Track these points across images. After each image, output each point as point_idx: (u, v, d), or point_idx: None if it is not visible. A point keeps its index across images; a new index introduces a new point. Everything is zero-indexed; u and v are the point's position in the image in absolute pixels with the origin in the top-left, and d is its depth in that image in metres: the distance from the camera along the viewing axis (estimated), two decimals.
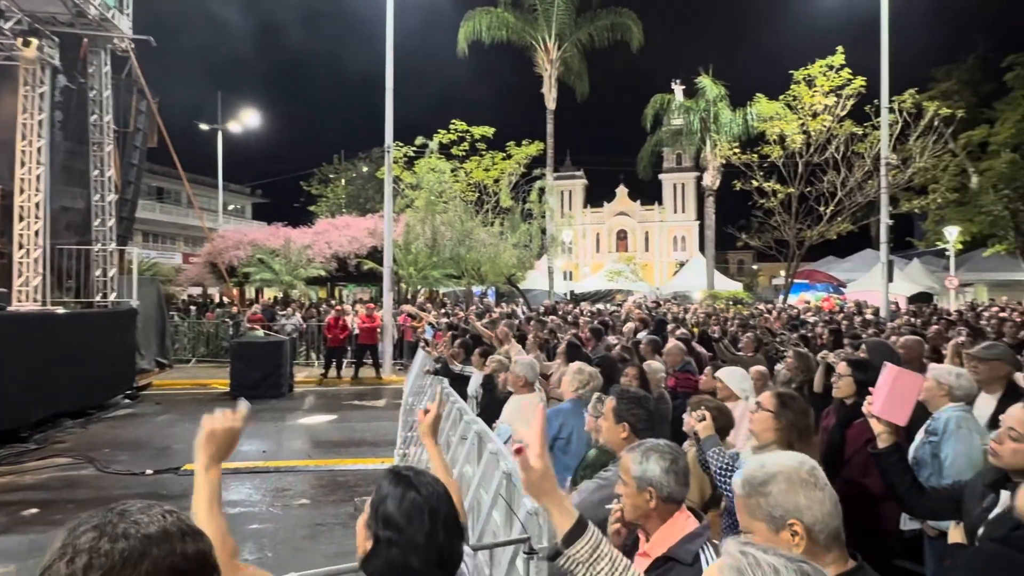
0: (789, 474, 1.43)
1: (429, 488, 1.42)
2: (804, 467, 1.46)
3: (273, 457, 7.98)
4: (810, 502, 1.40)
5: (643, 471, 1.95)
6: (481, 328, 8.43)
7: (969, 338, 6.92)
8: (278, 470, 7.42)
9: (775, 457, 1.52)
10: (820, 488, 1.43)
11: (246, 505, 6.27)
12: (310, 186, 44.14)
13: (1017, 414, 2.05)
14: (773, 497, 1.42)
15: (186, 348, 16.66)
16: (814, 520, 1.39)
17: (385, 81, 15.39)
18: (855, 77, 18.39)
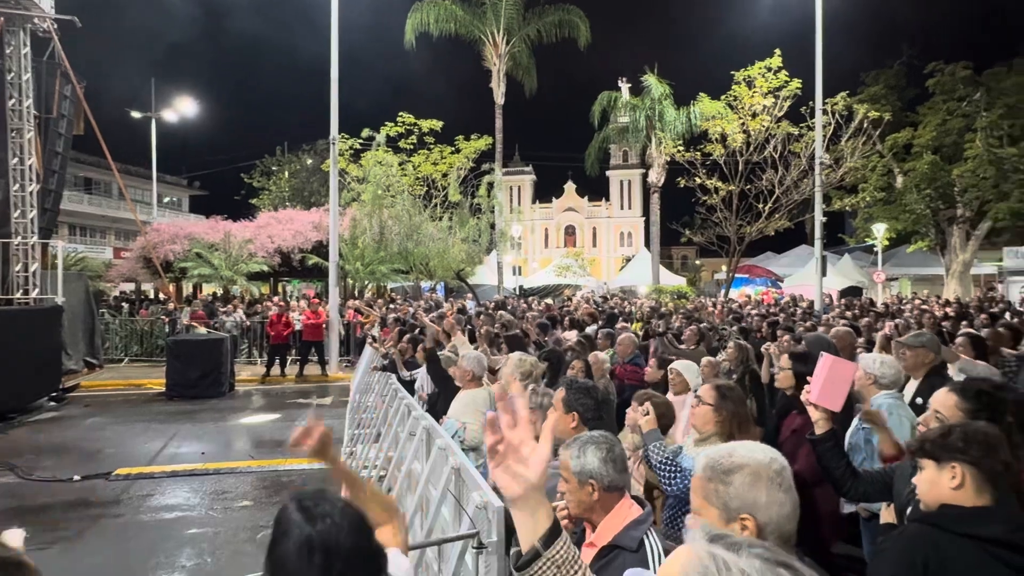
0: (756, 468, 1.40)
1: (328, 521, 1.20)
2: (773, 465, 1.42)
3: (213, 459, 7.69)
4: (770, 501, 1.37)
5: (582, 465, 1.96)
6: (429, 323, 8.35)
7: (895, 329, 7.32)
8: (218, 472, 7.16)
9: (746, 448, 1.48)
10: (784, 490, 1.39)
11: (184, 509, 6.02)
12: (251, 178, 42.70)
13: (942, 397, 2.17)
14: (734, 488, 1.39)
15: (118, 347, 15.87)
16: (768, 520, 1.35)
17: (330, 71, 15.01)
18: (791, 79, 19.11)
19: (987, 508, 1.64)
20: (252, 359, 15.75)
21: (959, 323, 9.35)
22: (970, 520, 1.62)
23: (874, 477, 2.52)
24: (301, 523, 1.19)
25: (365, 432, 6.92)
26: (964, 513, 1.65)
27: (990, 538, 1.57)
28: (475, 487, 2.50)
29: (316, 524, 1.19)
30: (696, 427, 2.79)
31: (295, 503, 1.24)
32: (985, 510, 1.63)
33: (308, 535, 1.18)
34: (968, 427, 1.72)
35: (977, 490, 1.66)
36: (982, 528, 1.59)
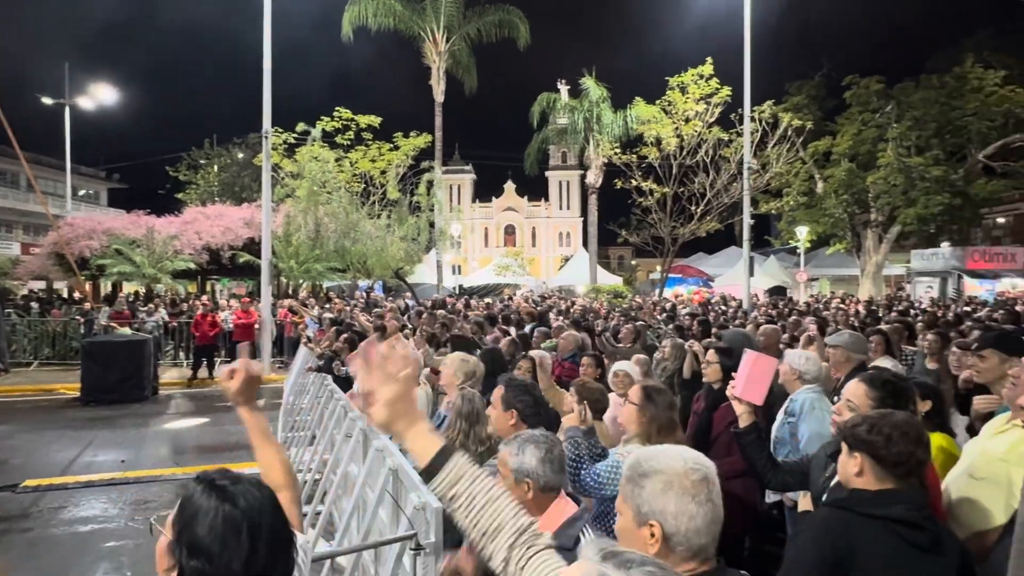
0: (670, 476, 1.36)
1: (248, 498, 1.15)
2: (692, 475, 1.36)
3: (133, 467, 7.28)
4: (679, 511, 1.32)
5: (519, 463, 1.98)
6: (366, 323, 8.21)
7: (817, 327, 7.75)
8: (139, 481, 6.79)
9: (668, 454, 1.44)
10: (697, 502, 1.33)
11: (101, 521, 5.68)
12: (177, 172, 40.64)
13: (853, 387, 2.33)
14: (646, 492, 1.36)
15: (27, 350, 14.78)
16: (675, 531, 1.32)
17: (263, 62, 14.49)
18: (722, 87, 19.88)
19: (891, 491, 1.76)
20: (178, 361, 15.02)
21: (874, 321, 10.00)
22: (875, 502, 1.74)
23: (793, 467, 2.67)
24: (216, 502, 1.12)
25: (299, 435, 6.74)
26: (870, 496, 1.77)
27: (893, 518, 1.70)
28: (413, 488, 2.48)
29: (236, 501, 1.13)
30: (623, 425, 2.85)
31: (203, 484, 1.16)
32: (889, 493, 1.76)
33: (230, 513, 1.11)
34: (879, 420, 1.83)
35: (878, 477, 1.78)
36: (886, 509, 1.71)
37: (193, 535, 1.10)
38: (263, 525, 1.13)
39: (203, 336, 13.12)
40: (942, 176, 23.80)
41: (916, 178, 23.87)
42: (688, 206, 20.91)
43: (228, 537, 1.10)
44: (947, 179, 24.06)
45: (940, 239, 27.28)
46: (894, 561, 1.66)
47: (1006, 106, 23.30)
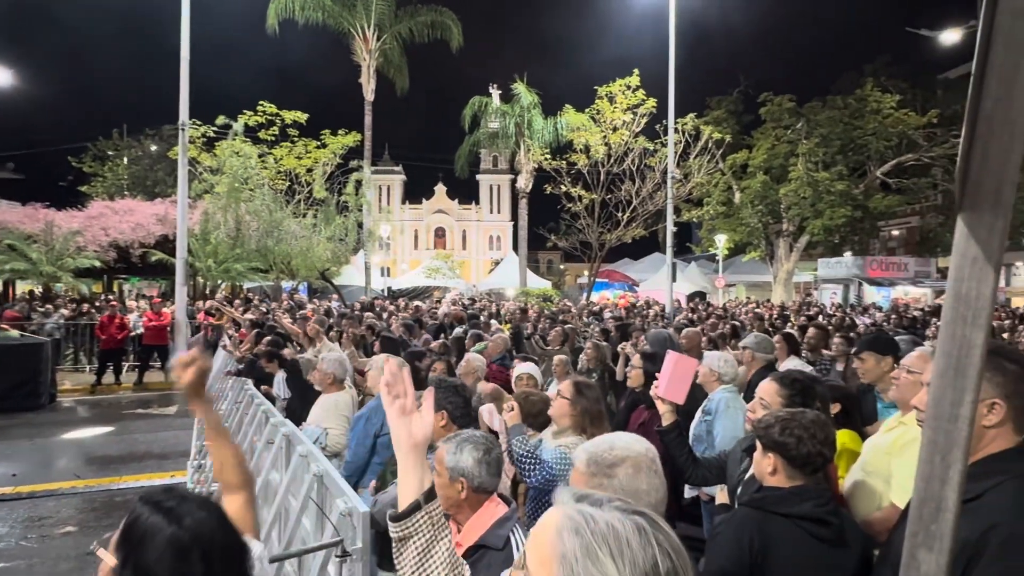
0: (637, 459, 1.48)
1: (196, 518, 1.12)
2: (649, 454, 1.50)
3: (27, 481, 6.72)
4: (649, 488, 1.45)
5: (456, 462, 1.99)
6: (289, 326, 7.94)
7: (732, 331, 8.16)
8: (33, 496, 6.27)
9: (623, 440, 1.54)
10: (659, 476, 1.49)
11: None
12: (81, 163, 37.82)
13: (765, 386, 2.48)
14: (619, 480, 1.45)
15: None
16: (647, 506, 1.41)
17: (180, 49, 13.73)
18: (648, 98, 20.55)
19: (800, 488, 1.89)
20: (80, 366, 13.96)
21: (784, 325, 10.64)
22: (785, 501, 1.86)
23: (711, 463, 2.81)
24: (164, 524, 1.09)
25: None
26: (781, 495, 1.89)
27: (801, 515, 1.82)
28: (339, 494, 2.42)
29: (183, 521, 1.10)
30: (555, 419, 2.92)
31: (149, 505, 1.12)
32: (798, 490, 1.88)
33: (177, 535, 1.08)
34: (790, 421, 1.95)
35: (789, 475, 1.90)
36: (795, 507, 1.84)
37: (141, 560, 1.07)
38: (215, 545, 1.11)
39: (110, 339, 12.28)
40: (845, 190, 25.60)
41: (823, 191, 25.55)
42: (615, 213, 21.45)
43: (178, 561, 1.07)
44: (849, 193, 25.90)
45: (843, 249, 29.32)
46: (803, 555, 1.78)
47: (901, 128, 25.37)
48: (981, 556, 1.34)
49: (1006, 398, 1.49)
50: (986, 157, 0.81)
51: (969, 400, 0.82)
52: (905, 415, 2.40)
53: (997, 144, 0.80)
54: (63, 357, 13.83)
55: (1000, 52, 0.78)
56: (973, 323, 0.82)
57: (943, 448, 0.84)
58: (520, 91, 25.64)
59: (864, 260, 27.63)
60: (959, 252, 0.84)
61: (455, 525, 2.03)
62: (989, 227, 0.82)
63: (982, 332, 0.82)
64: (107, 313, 12.59)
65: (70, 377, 13.03)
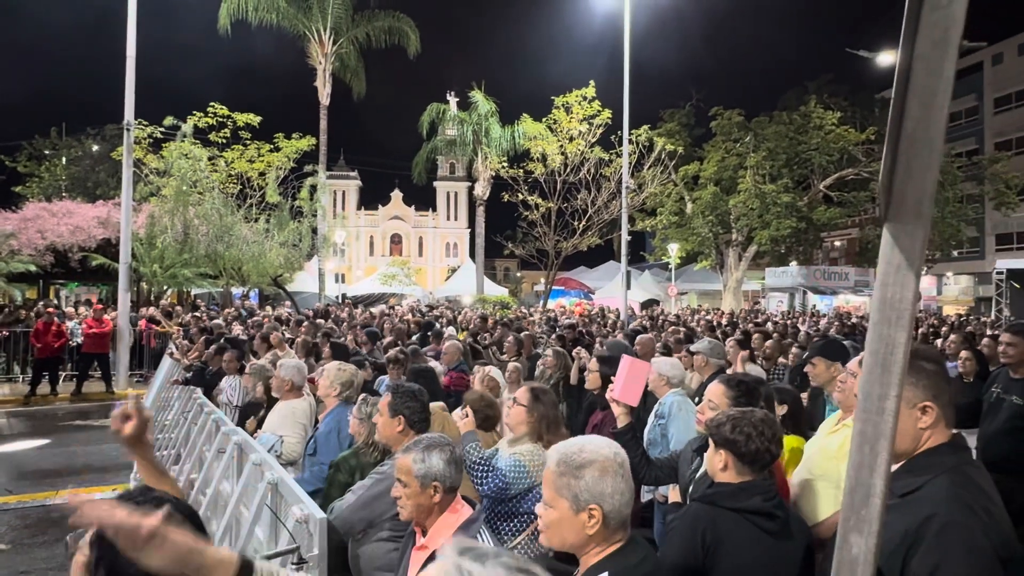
0: (604, 463, 1.53)
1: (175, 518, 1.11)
2: (617, 458, 1.57)
3: None
4: (614, 491, 1.51)
5: (427, 468, 1.99)
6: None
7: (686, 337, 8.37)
8: None
9: (593, 443, 1.61)
10: (625, 480, 1.55)
11: None
12: (16, 162, 35.95)
13: (713, 387, 2.58)
14: (585, 481, 1.51)
15: None
16: (612, 508, 1.51)
17: (126, 46, 13.27)
18: (603, 109, 20.95)
19: (749, 484, 1.98)
20: (12, 376, 13.23)
21: (734, 331, 10.96)
22: (735, 496, 1.95)
23: (663, 463, 2.90)
24: None
25: (163, 454, 6.20)
26: (731, 490, 1.98)
27: (751, 509, 1.91)
28: (295, 501, 2.39)
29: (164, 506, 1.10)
30: (511, 426, 2.94)
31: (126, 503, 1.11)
32: (747, 485, 1.97)
33: None
34: (740, 419, 2.04)
35: (739, 471, 2.00)
36: (745, 502, 1.93)
37: (116, 557, 1.05)
38: None
39: (46, 348, 11.67)
40: (791, 202, 26.64)
41: (770, 203, 26.52)
42: (571, 221, 21.74)
43: None
44: (794, 205, 26.96)
45: (789, 258, 30.46)
46: (752, 547, 1.87)
47: (842, 143, 26.58)
48: (920, 544, 1.44)
49: (935, 399, 1.60)
50: (908, 172, 0.90)
51: (894, 395, 0.90)
52: (847, 417, 2.52)
53: (918, 161, 0.89)
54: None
55: (921, 77, 0.87)
56: (897, 324, 0.90)
57: (871, 438, 0.92)
58: (478, 99, 25.73)
59: (808, 270, 28.75)
60: (885, 259, 0.92)
61: (419, 530, 2.03)
62: (911, 236, 0.90)
63: (905, 332, 0.90)
64: (43, 320, 11.98)
65: (1, 387, 12.34)
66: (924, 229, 0.90)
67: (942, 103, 0.86)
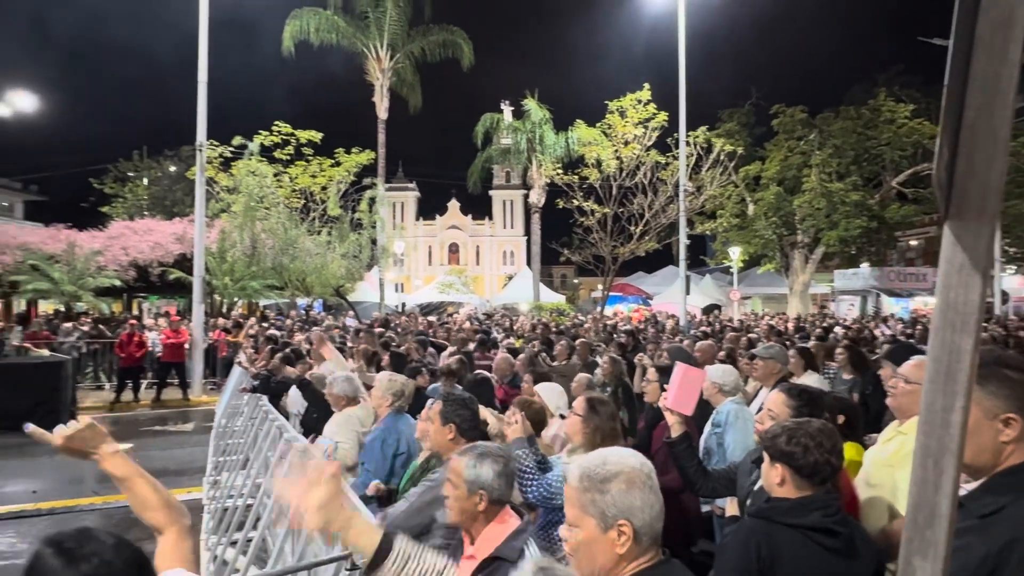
0: (630, 475, 1.43)
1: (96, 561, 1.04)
2: (644, 468, 1.47)
3: (47, 497, 6.82)
4: (643, 505, 1.41)
5: (476, 475, 2.00)
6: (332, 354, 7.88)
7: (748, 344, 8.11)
8: (52, 512, 6.35)
9: (616, 455, 1.51)
10: (654, 492, 1.45)
11: (8, 557, 5.28)
12: (103, 184, 38.63)
13: (773, 397, 2.47)
14: (611, 496, 1.41)
15: None
16: (643, 523, 1.41)
17: (198, 72, 14.06)
18: (659, 112, 20.62)
19: (808, 498, 1.87)
20: (100, 384, 14.17)
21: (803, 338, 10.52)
22: (793, 511, 1.85)
23: (720, 475, 2.79)
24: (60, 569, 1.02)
25: (232, 459, 6.47)
26: (789, 505, 1.88)
27: (809, 526, 1.81)
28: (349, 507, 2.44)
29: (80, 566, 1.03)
30: (568, 436, 2.93)
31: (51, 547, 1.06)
32: (806, 500, 1.87)
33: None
34: (796, 431, 1.94)
35: (797, 485, 1.89)
36: (803, 518, 1.82)
37: None
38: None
39: (129, 357, 12.45)
40: (860, 201, 25.40)
41: (837, 202, 25.37)
42: (628, 226, 21.43)
43: None
44: (864, 204, 25.69)
45: (860, 260, 29.02)
46: (812, 566, 1.76)
47: (915, 137, 25.17)
48: (1002, 571, 1.32)
49: (1020, 410, 1.47)
50: (971, 166, 0.83)
51: (960, 406, 0.83)
52: (903, 424, 2.38)
53: (981, 153, 0.82)
54: (83, 375, 14.05)
55: (982, 62, 0.80)
56: (962, 329, 0.83)
57: (935, 453, 0.85)
58: (531, 107, 25.84)
59: (881, 271, 27.30)
60: (946, 260, 0.85)
61: (467, 537, 2.04)
62: (976, 234, 0.83)
63: (971, 338, 0.82)
64: (126, 331, 12.78)
65: (90, 395, 13.22)
66: (989, 226, 0.83)
67: (1007, 90, 0.79)
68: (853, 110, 26.94)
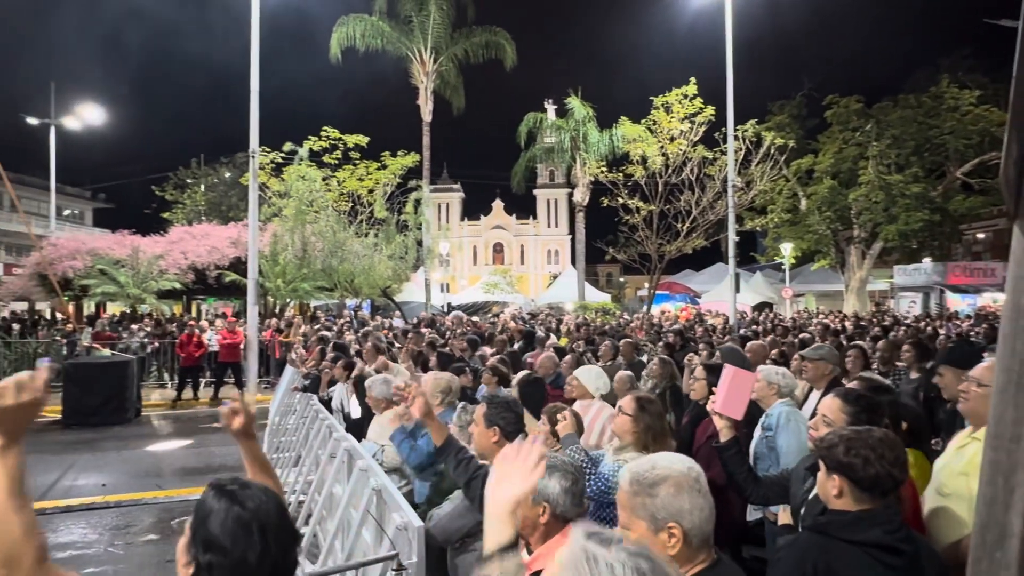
0: (678, 479, 1.48)
1: (257, 500, 1.28)
2: (692, 472, 1.51)
3: (114, 490, 7.16)
4: (692, 508, 1.45)
5: (542, 486, 1.97)
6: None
7: (801, 344, 7.82)
8: (120, 505, 6.67)
9: (665, 459, 1.55)
10: (703, 495, 1.49)
11: (79, 547, 5.57)
12: (164, 191, 40.45)
13: (828, 402, 2.36)
14: (660, 499, 1.46)
15: (7, 372, 14.53)
16: (692, 525, 1.45)
17: (250, 81, 14.53)
18: (706, 106, 20.16)
19: (867, 512, 1.76)
20: (163, 382, 14.83)
21: (862, 336, 10.10)
22: (852, 526, 1.75)
23: (773, 481, 2.69)
24: (229, 505, 1.26)
25: (285, 456, 6.66)
26: (847, 520, 1.77)
27: (869, 542, 1.70)
28: (396, 508, 2.47)
29: (247, 504, 1.26)
30: (617, 435, 2.90)
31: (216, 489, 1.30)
32: (866, 514, 1.76)
33: (239, 513, 1.25)
34: (855, 440, 1.83)
35: (856, 498, 1.79)
36: (863, 533, 1.72)
37: (208, 532, 1.24)
38: (270, 523, 1.27)
39: (188, 357, 12.99)
40: (921, 193, 24.23)
41: (896, 195, 24.27)
42: (674, 223, 21.05)
43: (239, 534, 1.23)
44: (926, 196, 24.49)
45: (922, 255, 27.69)
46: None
47: (982, 125, 23.83)
48: None
49: None
50: None
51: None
52: (976, 431, 2.24)
53: None
54: (148, 374, 14.73)
55: None
56: None
57: (1006, 470, 0.79)
58: (574, 105, 25.68)
59: (945, 266, 25.99)
60: (1016, 262, 0.79)
61: (523, 546, 2.01)
62: None
63: None
64: (185, 332, 13.33)
65: (154, 392, 13.84)
66: None
67: None
68: (914, 98, 25.72)
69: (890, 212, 24.64)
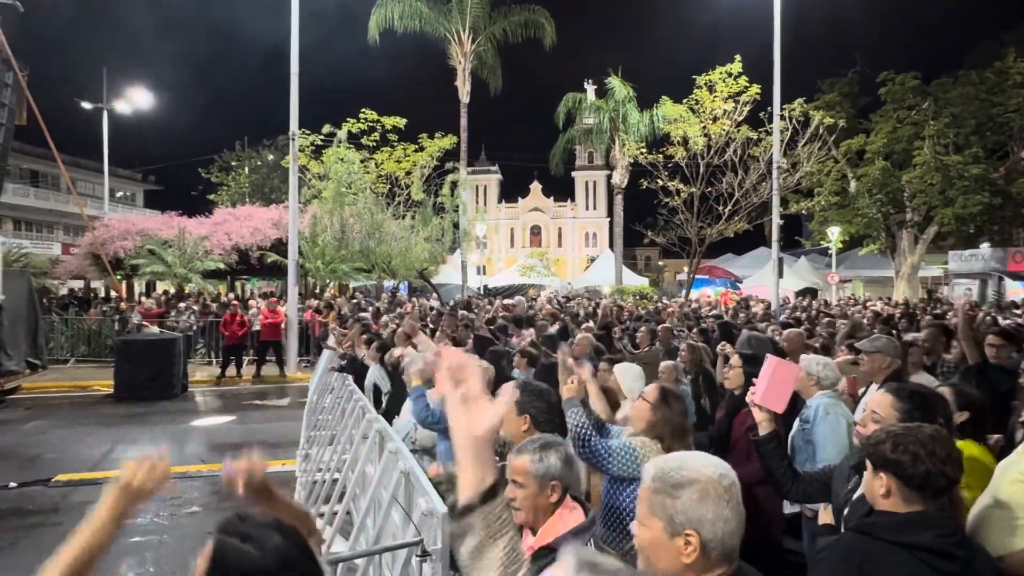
0: (706, 485, 1.35)
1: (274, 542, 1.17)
2: (724, 481, 1.38)
3: None
4: (716, 518, 1.33)
5: (546, 468, 1.94)
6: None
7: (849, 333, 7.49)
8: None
9: (697, 461, 1.43)
10: (731, 507, 1.36)
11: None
12: (209, 173, 41.59)
13: (878, 398, 2.22)
14: (681, 503, 1.34)
15: (64, 347, 15.22)
16: (712, 536, 1.33)
17: (290, 65, 14.70)
18: (751, 85, 19.50)
19: (918, 514, 1.66)
20: (209, 360, 15.33)
21: (911, 325, 9.67)
22: (901, 528, 1.65)
23: (814, 478, 2.56)
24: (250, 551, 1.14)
25: (321, 434, 6.79)
26: (895, 521, 1.67)
27: (920, 545, 1.60)
28: (423, 493, 2.46)
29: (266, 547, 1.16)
30: (632, 419, 2.81)
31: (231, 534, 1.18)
32: (916, 516, 1.66)
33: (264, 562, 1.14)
34: (904, 436, 1.73)
35: (905, 499, 1.68)
36: (912, 536, 1.62)
37: None
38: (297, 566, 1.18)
39: (232, 336, 13.36)
40: (981, 175, 23.01)
41: (954, 177, 23.13)
42: (716, 206, 20.55)
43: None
44: (987, 178, 23.26)
45: (980, 240, 26.39)
46: None
47: None
48: None
49: None
50: None
51: None
52: None
53: None
54: (194, 351, 15.24)
55: None
56: None
57: None
58: (615, 85, 25.20)
59: (1005, 252, 24.72)
60: None
61: (528, 531, 1.98)
62: None
63: None
64: (230, 312, 13.71)
65: (200, 369, 14.31)
66: None
67: None
68: (975, 74, 24.33)
69: (946, 195, 23.51)
